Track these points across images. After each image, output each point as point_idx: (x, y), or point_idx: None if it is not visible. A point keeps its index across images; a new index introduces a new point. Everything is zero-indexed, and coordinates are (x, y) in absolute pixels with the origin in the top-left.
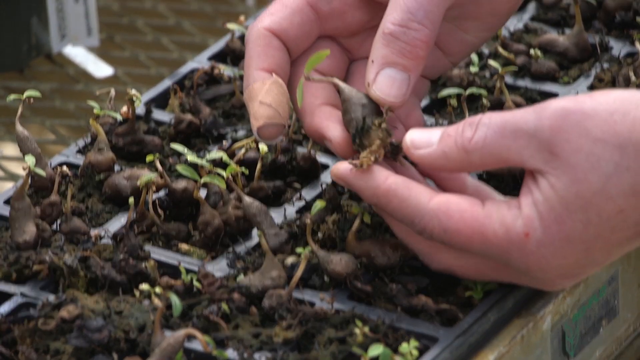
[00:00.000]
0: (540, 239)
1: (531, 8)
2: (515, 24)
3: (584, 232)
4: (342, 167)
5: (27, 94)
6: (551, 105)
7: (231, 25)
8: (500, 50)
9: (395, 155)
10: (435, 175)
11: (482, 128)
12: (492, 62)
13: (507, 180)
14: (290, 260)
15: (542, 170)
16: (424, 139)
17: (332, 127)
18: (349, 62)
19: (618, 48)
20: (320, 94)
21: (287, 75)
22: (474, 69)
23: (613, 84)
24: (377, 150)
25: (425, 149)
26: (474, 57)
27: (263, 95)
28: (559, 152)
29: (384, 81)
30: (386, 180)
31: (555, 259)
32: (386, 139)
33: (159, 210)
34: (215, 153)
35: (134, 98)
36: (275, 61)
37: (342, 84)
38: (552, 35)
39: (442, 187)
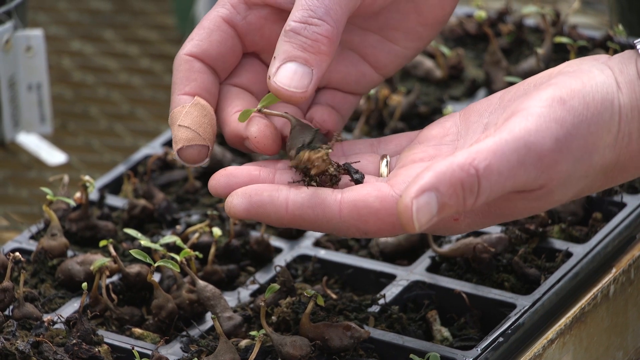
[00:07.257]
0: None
1: (481, 95)
2: None
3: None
4: (239, 206)
5: None
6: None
7: None
8: None
9: (333, 183)
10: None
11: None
12: None
13: None
14: (244, 343)
15: None
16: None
17: (248, 125)
18: None
19: None
20: (237, 104)
21: (214, 97)
22: None
23: None
24: (319, 170)
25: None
26: None
27: (182, 118)
28: None
29: (285, 73)
30: (287, 208)
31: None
32: (328, 165)
33: (113, 295)
34: (169, 237)
35: (87, 184)
36: (198, 84)
37: (293, 118)
38: None
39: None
